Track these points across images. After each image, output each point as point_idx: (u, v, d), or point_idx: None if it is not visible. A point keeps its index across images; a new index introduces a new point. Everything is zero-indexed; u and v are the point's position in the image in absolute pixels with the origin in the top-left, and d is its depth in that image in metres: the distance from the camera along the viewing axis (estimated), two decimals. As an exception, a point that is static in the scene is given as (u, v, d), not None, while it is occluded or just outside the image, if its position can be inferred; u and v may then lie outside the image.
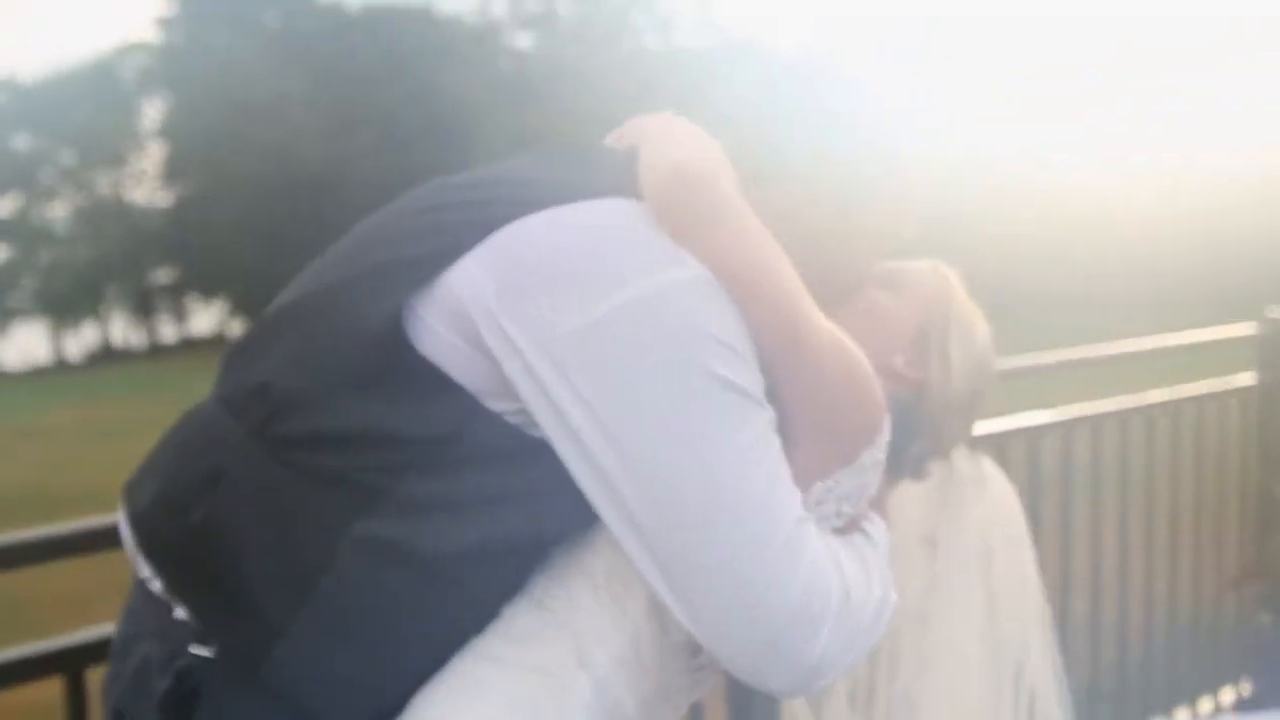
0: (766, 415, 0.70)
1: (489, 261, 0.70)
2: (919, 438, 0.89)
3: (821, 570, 0.69)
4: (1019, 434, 1.73)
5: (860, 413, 0.75)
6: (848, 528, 0.77)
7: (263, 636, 0.72)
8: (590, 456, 0.68)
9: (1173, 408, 2.04)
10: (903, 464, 0.89)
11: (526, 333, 0.68)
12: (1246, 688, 2.24)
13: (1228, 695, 2.23)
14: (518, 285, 0.69)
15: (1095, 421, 1.88)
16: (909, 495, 1.02)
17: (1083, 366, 1.88)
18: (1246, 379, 2.19)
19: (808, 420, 0.73)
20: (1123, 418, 1.93)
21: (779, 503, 0.69)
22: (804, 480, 0.72)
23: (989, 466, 1.09)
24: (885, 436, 0.77)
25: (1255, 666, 2.24)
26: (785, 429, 0.73)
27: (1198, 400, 2.10)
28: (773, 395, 0.72)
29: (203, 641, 0.74)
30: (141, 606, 0.80)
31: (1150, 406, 2.00)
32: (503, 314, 0.68)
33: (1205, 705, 2.19)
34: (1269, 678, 2.21)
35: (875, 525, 0.80)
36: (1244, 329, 2.19)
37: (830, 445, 0.74)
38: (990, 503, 1.06)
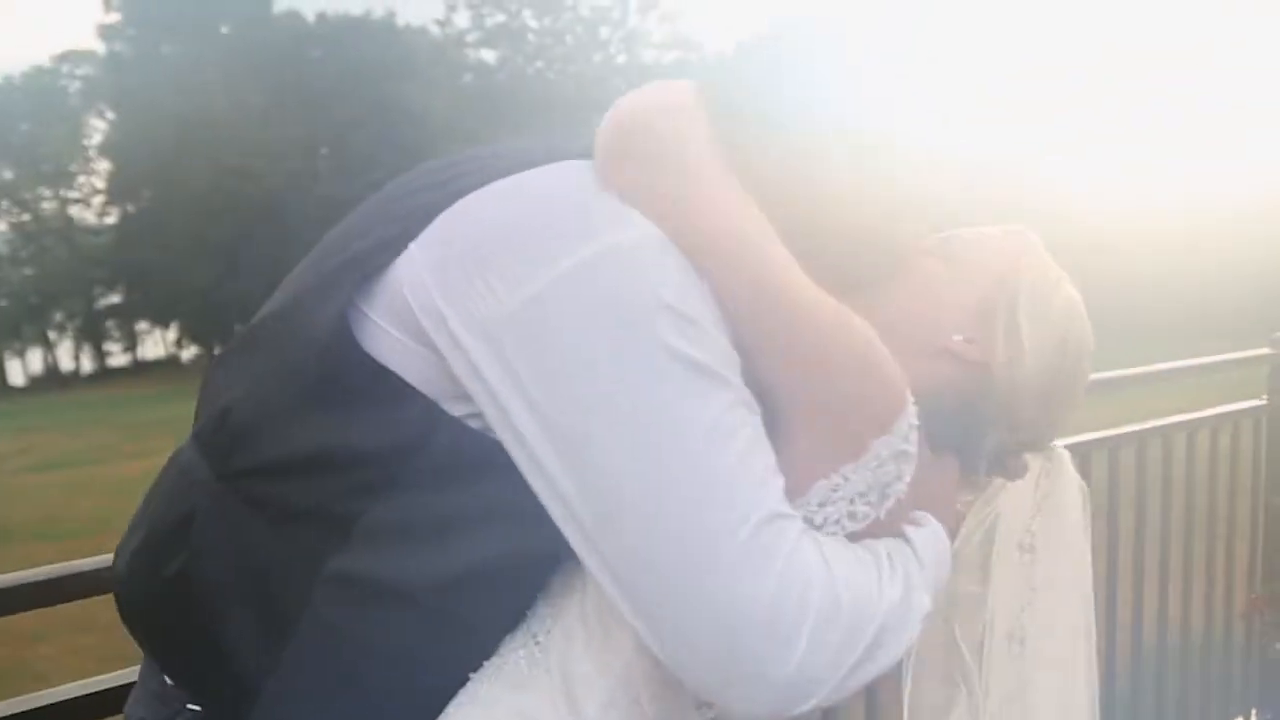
0: (731, 395, 0.61)
1: (430, 246, 0.64)
2: (994, 429, 0.76)
3: (800, 574, 0.59)
4: (1038, 459, 1.66)
5: (864, 394, 0.64)
6: (876, 531, 0.66)
7: (242, 693, 0.67)
8: (528, 447, 0.61)
9: (1189, 428, 2.00)
10: (977, 459, 0.77)
11: (465, 318, 0.61)
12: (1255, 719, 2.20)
13: (1236, 726, 2.18)
14: (456, 267, 0.62)
15: (1113, 444, 1.82)
16: (1011, 496, 0.87)
17: (1096, 390, 1.81)
18: (1260, 401, 2.16)
19: (800, 405, 0.63)
20: (1141, 439, 1.87)
21: (743, 495, 0.59)
22: (802, 478, 0.63)
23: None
24: (907, 423, 0.65)
25: (1265, 697, 2.20)
26: (779, 418, 0.64)
27: (1213, 421, 2.06)
28: (756, 379, 0.63)
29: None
30: (144, 670, 0.76)
31: (1167, 427, 1.96)
32: (442, 300, 0.62)
33: (1213, 736, 2.14)
34: (1279, 709, 2.15)
35: (926, 530, 0.68)
36: (1258, 351, 2.16)
37: (831, 435, 0.64)
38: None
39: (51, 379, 33.32)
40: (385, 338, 0.64)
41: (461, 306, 0.61)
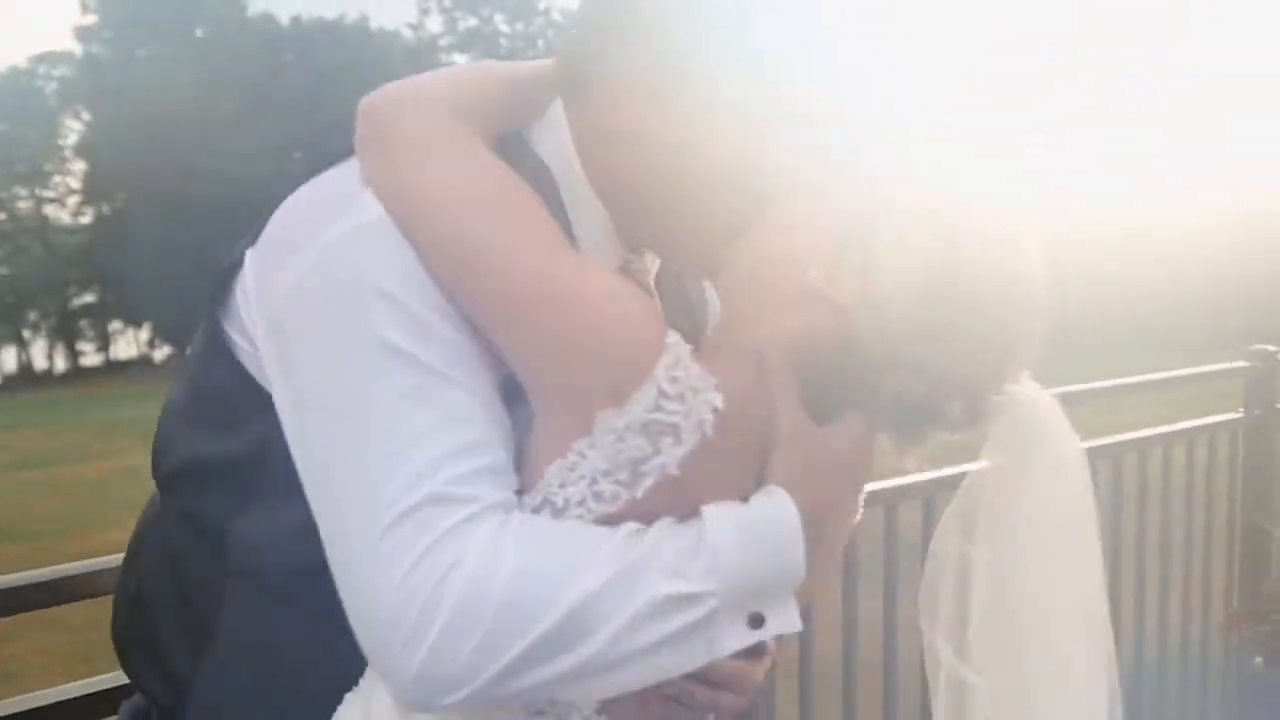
0: (419, 376, 0.60)
1: (255, 247, 0.66)
2: (888, 375, 0.65)
3: (437, 567, 0.57)
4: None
5: (581, 363, 0.60)
6: (641, 511, 0.60)
7: (177, 695, 0.70)
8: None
9: (1165, 441, 1.98)
10: (883, 413, 0.66)
11: (259, 314, 0.64)
12: (1232, 733, 2.18)
13: (1214, 741, 2.15)
14: (256, 264, 0.65)
15: (1090, 457, 1.78)
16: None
17: (1070, 402, 1.78)
18: (1236, 414, 2.15)
19: (525, 378, 0.62)
20: (1116, 452, 1.83)
21: (395, 481, 0.58)
22: (540, 458, 0.61)
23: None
24: (655, 391, 0.59)
25: (1243, 712, 2.18)
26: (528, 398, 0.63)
27: (1189, 434, 2.04)
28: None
29: None
30: None
31: (1143, 440, 1.93)
32: (254, 299, 0.65)
33: (1190, 752, 2.11)
34: (1258, 724, 2.14)
35: (748, 510, 0.61)
36: (1234, 364, 2.14)
37: (557, 410, 0.61)
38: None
39: (25, 377, 32.92)
40: (234, 344, 0.67)
41: (260, 305, 0.64)
